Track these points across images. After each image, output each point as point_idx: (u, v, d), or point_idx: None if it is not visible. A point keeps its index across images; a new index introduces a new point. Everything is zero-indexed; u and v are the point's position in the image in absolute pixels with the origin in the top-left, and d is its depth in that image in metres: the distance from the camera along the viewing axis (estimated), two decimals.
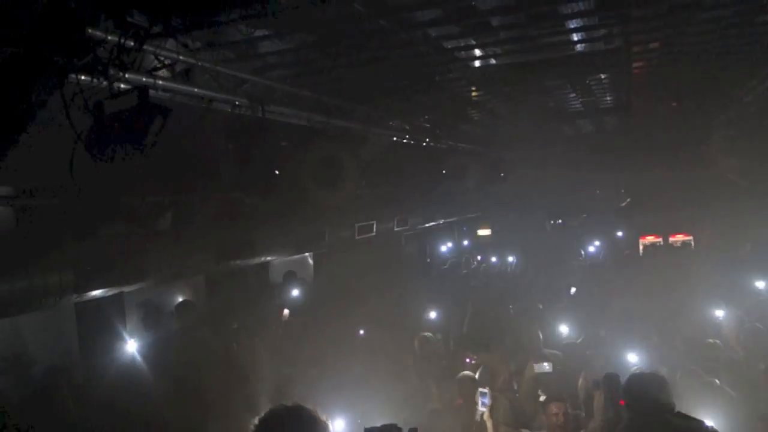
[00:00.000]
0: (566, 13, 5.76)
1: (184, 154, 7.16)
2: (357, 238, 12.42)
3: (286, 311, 9.58)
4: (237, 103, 6.11)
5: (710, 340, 7.17)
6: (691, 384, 6.12)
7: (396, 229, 14.00)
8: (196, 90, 5.50)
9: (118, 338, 8.14)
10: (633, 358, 7.25)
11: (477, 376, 7.02)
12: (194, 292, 10.31)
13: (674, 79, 9.04)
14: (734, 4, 5.92)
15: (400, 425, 3.37)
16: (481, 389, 6.14)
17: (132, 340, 8.30)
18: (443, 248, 20.39)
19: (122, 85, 4.60)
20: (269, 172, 7.15)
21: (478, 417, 5.96)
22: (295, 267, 12.86)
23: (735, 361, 6.86)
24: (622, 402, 4.78)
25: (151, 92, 5.03)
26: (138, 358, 7.69)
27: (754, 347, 7.34)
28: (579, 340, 8.65)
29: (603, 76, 8.87)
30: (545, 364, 6.67)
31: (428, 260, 19.47)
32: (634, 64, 7.96)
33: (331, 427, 3.09)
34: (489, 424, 5.81)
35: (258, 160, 6.47)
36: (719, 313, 8.95)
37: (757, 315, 8.86)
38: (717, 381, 6.26)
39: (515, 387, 7.47)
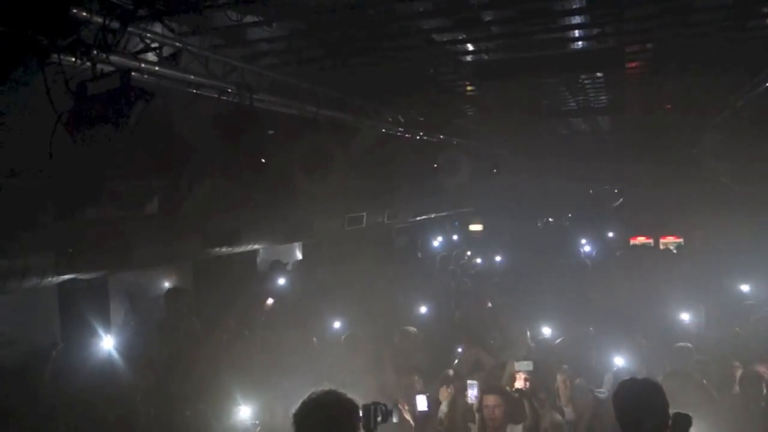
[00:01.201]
0: (558, 10, 5.74)
1: (173, 139, 7.13)
2: (347, 229, 12.41)
3: (270, 300, 9.56)
4: (226, 90, 6.06)
5: (680, 344, 7.18)
6: (678, 384, 6.16)
7: (386, 221, 13.98)
8: (183, 75, 5.44)
9: (102, 322, 8.10)
10: (619, 361, 7.28)
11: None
12: (181, 279, 10.30)
13: (668, 81, 9.04)
14: (726, 8, 5.90)
15: None
16: (469, 381, 6.11)
17: (115, 325, 8.29)
18: (435, 242, 20.39)
19: (105, 67, 4.54)
20: (257, 160, 7.13)
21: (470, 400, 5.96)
22: (284, 257, 12.87)
23: (703, 363, 6.86)
24: None
25: (137, 76, 5.00)
26: (120, 343, 7.63)
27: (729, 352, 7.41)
28: (558, 341, 8.67)
29: (597, 76, 8.85)
30: (527, 362, 6.64)
31: (419, 254, 19.47)
32: (628, 65, 7.94)
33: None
34: (478, 417, 5.75)
35: (246, 147, 6.42)
36: (685, 317, 9.03)
37: (739, 319, 8.94)
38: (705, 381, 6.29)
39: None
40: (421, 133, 11.16)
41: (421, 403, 5.69)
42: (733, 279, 11.39)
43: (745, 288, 11.02)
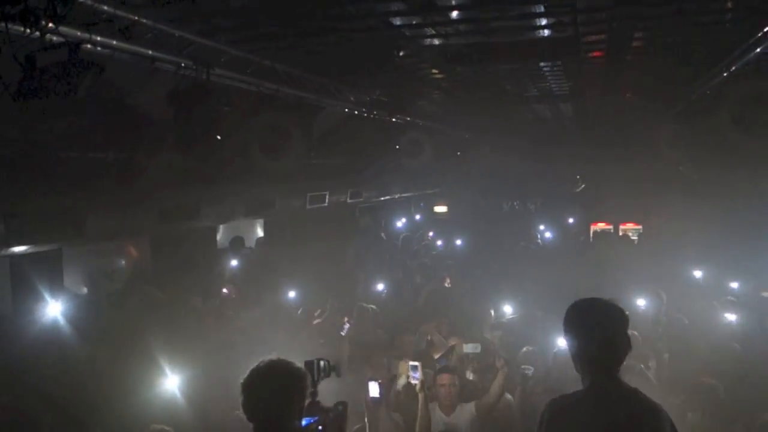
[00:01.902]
0: None
1: (130, 111, 7.08)
2: (308, 207, 12.45)
3: (225, 291, 9.49)
4: (182, 64, 6.02)
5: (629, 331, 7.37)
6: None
7: (349, 201, 14.05)
8: (136, 48, 5.40)
9: (55, 294, 8.04)
10: (562, 343, 7.47)
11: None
12: (139, 254, 10.25)
13: (626, 70, 9.19)
14: (677, 2, 6.02)
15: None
16: (411, 363, 6.23)
17: (68, 297, 8.23)
18: (399, 223, 20.49)
19: (56, 38, 4.49)
20: (216, 135, 7.10)
21: (399, 387, 6.07)
22: (246, 236, 12.85)
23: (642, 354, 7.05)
24: None
25: (90, 48, 4.95)
26: (71, 316, 7.57)
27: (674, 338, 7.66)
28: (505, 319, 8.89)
29: (556, 63, 8.96)
30: (474, 344, 6.78)
31: (383, 234, 19.57)
32: (587, 54, 8.05)
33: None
34: (420, 397, 5.88)
35: (204, 123, 6.39)
36: (641, 303, 9.26)
37: (685, 306, 9.20)
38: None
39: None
40: (385, 114, 11.19)
41: (373, 389, 5.79)
42: (687, 265, 11.69)
43: (697, 274, 11.31)
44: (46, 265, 8.17)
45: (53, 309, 7.41)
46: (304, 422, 3.29)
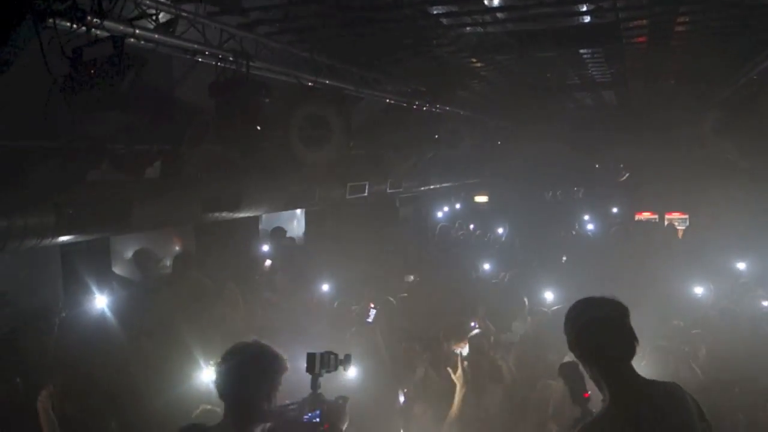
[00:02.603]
0: None
1: (174, 104, 7.23)
2: (348, 197, 12.54)
3: (268, 262, 9.70)
4: (223, 57, 6.14)
5: (675, 322, 7.29)
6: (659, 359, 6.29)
7: (389, 191, 14.08)
8: (179, 42, 5.52)
9: (103, 283, 8.29)
10: None
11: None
12: (184, 243, 10.49)
13: (669, 56, 9.02)
14: None
15: None
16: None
17: (116, 285, 8.48)
18: (439, 213, 20.48)
19: (101, 33, 4.63)
20: (257, 127, 7.23)
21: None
22: (287, 224, 13.04)
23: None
24: (586, 395, 3.81)
25: (133, 42, 5.10)
26: (121, 305, 7.80)
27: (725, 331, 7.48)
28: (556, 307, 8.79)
29: (597, 50, 8.84)
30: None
31: (423, 224, 19.58)
32: (627, 40, 7.92)
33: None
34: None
35: (242, 114, 6.51)
36: (698, 290, 9.11)
37: (734, 297, 9.01)
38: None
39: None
40: (424, 104, 11.19)
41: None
42: (733, 257, 11.43)
43: (741, 266, 11.06)
44: (95, 255, 8.43)
45: (101, 299, 7.65)
46: (305, 417, 3.35)
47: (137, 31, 4.88)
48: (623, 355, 3.20)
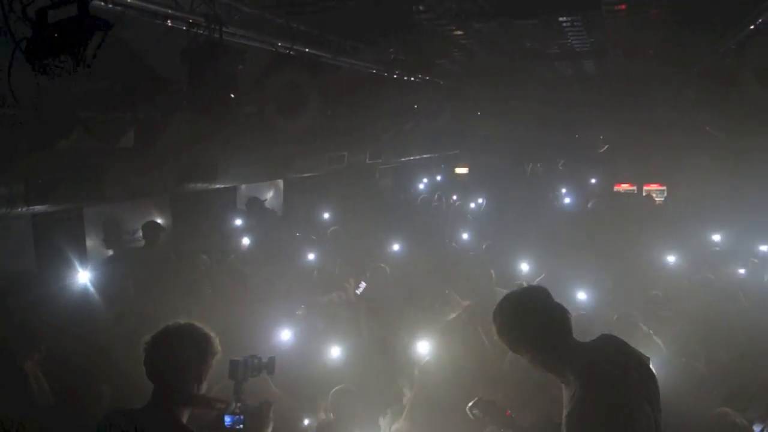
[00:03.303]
0: None
1: (147, 72, 7.07)
2: (328, 168, 12.46)
3: (245, 240, 9.61)
4: (192, 21, 5.98)
5: (653, 292, 7.36)
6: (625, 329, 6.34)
7: (368, 162, 14.02)
8: (147, 5, 5.37)
9: (77, 253, 8.19)
10: (582, 296, 7.50)
11: None
12: (159, 214, 10.35)
13: (649, 27, 8.97)
14: None
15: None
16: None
17: (91, 257, 8.38)
18: (420, 185, 20.42)
19: None
20: (230, 95, 7.09)
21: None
22: (266, 195, 12.92)
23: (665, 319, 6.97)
24: (508, 413, 3.78)
25: (101, 5, 4.95)
26: (96, 276, 7.70)
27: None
28: (537, 280, 8.81)
29: (576, 19, 8.76)
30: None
31: (403, 195, 19.52)
32: (607, 8, 7.86)
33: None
34: None
35: (215, 82, 6.37)
36: (671, 259, 9.19)
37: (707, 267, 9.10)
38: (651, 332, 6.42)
39: None
40: (404, 74, 11.07)
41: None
42: (709, 227, 11.53)
43: (715, 236, 11.16)
44: (67, 225, 8.30)
45: (74, 269, 7.54)
46: (226, 421, 3.30)
47: None
48: (566, 328, 3.23)
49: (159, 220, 9.79)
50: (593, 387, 3.04)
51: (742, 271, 8.81)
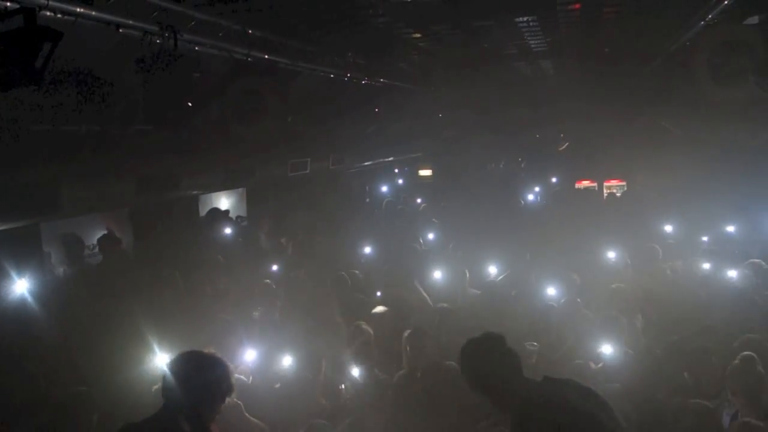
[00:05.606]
0: None
1: (100, 82, 6.92)
2: (290, 174, 12.36)
3: (209, 250, 9.41)
4: (146, 30, 5.87)
5: (614, 285, 7.45)
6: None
7: (331, 167, 13.96)
8: (99, 14, 5.24)
9: (36, 270, 7.94)
10: (551, 291, 7.56)
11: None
12: (117, 228, 10.11)
13: (604, 25, 9.11)
14: None
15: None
16: None
17: (49, 273, 8.16)
18: (384, 188, 20.40)
19: (9, 4, 4.35)
20: (186, 103, 7.00)
21: None
22: (231, 204, 12.75)
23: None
24: None
25: (49, 15, 4.82)
26: (45, 295, 7.43)
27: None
28: (500, 278, 8.84)
29: (532, 19, 8.85)
30: None
31: (368, 200, 19.48)
32: (562, 8, 7.96)
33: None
34: None
35: (171, 91, 6.29)
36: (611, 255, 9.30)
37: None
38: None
39: None
40: (363, 77, 11.04)
41: None
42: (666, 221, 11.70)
43: (668, 228, 11.32)
44: (24, 242, 8.07)
45: (24, 288, 7.27)
46: None
47: (50, 2, 4.59)
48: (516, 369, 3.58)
49: (118, 234, 9.58)
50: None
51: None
